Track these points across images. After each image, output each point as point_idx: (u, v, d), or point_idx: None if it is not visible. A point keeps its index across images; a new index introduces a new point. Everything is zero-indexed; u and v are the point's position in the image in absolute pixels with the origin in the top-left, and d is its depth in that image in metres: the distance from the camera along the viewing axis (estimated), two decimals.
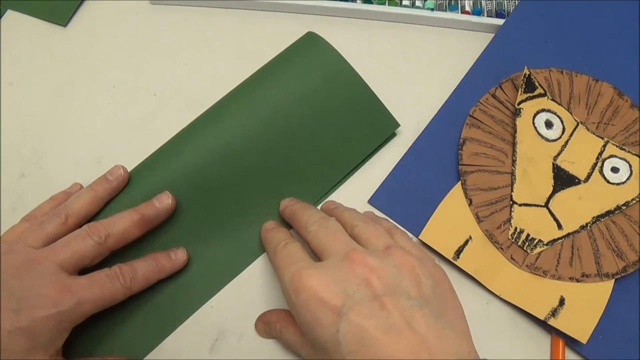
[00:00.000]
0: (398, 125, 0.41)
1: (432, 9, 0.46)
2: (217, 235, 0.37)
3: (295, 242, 0.33)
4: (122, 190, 0.36)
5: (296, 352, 0.33)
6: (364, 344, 0.27)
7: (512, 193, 0.39)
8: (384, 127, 0.41)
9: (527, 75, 0.41)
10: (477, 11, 0.46)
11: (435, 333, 0.28)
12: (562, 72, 0.42)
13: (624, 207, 0.38)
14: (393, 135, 0.42)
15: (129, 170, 0.37)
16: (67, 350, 0.33)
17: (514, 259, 0.37)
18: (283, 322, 0.34)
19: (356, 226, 0.33)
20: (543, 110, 0.41)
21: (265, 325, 0.35)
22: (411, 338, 0.27)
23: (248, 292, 0.37)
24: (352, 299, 0.28)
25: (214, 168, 0.37)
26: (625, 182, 0.39)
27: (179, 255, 0.36)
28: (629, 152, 0.40)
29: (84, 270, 0.32)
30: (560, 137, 0.40)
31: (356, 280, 0.29)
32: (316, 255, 0.32)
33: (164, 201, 0.35)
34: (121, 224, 0.33)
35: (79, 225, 0.34)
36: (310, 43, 0.40)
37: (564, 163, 0.39)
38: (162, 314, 0.36)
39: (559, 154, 0.40)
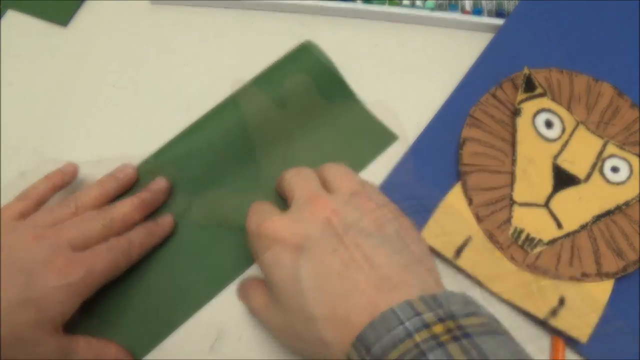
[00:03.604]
0: (396, 137, 0.41)
1: (432, 9, 0.46)
2: (217, 238, 0.38)
3: (268, 203, 0.34)
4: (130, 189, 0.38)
5: (261, 318, 0.33)
6: (324, 279, 0.27)
7: (512, 193, 0.39)
8: (381, 141, 0.41)
9: (527, 75, 0.41)
10: (477, 11, 0.46)
11: (397, 268, 0.28)
12: (562, 72, 0.42)
13: (624, 207, 0.38)
14: None
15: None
16: None
17: (514, 259, 0.37)
18: (252, 286, 0.34)
19: (325, 168, 0.34)
20: (543, 110, 0.41)
21: (241, 293, 0.35)
22: (372, 273, 0.27)
23: None
24: (312, 238, 0.29)
25: (213, 175, 0.38)
26: (625, 181, 0.39)
27: (166, 219, 0.37)
28: (629, 151, 0.40)
29: None
30: (560, 137, 0.40)
31: (317, 220, 0.30)
32: (288, 203, 0.33)
33: (159, 184, 0.37)
34: (123, 208, 0.35)
35: None
36: (306, 54, 0.40)
37: (564, 163, 0.39)
38: (159, 317, 0.36)
39: (559, 154, 0.39)
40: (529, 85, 0.41)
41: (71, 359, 0.31)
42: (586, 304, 0.36)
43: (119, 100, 0.42)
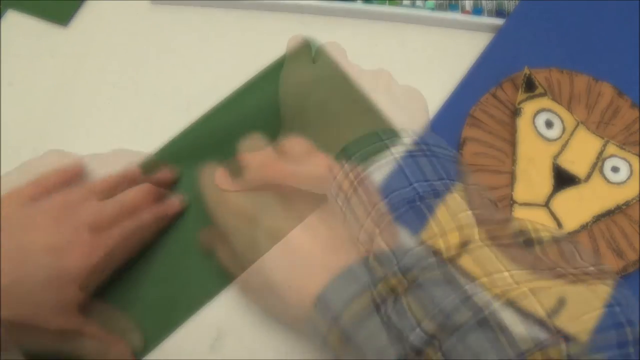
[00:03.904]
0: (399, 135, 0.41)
1: (432, 9, 0.46)
2: None
3: (220, 168, 0.34)
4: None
5: (226, 269, 0.34)
6: (280, 245, 0.28)
7: (513, 193, 0.39)
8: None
9: (527, 75, 0.41)
10: (477, 11, 0.46)
11: (352, 229, 0.29)
12: (562, 71, 0.42)
13: (624, 207, 0.38)
14: None
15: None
16: None
17: (514, 259, 0.37)
18: (219, 237, 0.35)
19: (282, 142, 0.34)
20: (543, 110, 0.41)
21: (206, 242, 0.36)
22: (327, 234, 0.28)
23: None
24: (264, 205, 0.30)
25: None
26: (625, 181, 0.39)
27: (173, 200, 0.37)
28: (629, 151, 0.40)
29: None
30: (560, 137, 0.40)
31: (269, 186, 0.30)
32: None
33: (166, 174, 0.38)
34: (132, 193, 0.36)
35: None
36: (308, 52, 0.40)
37: (564, 162, 0.39)
38: (160, 316, 0.36)
39: (559, 154, 0.39)
40: (529, 85, 0.41)
41: (78, 343, 0.32)
42: (586, 304, 0.36)
43: (119, 100, 0.42)
